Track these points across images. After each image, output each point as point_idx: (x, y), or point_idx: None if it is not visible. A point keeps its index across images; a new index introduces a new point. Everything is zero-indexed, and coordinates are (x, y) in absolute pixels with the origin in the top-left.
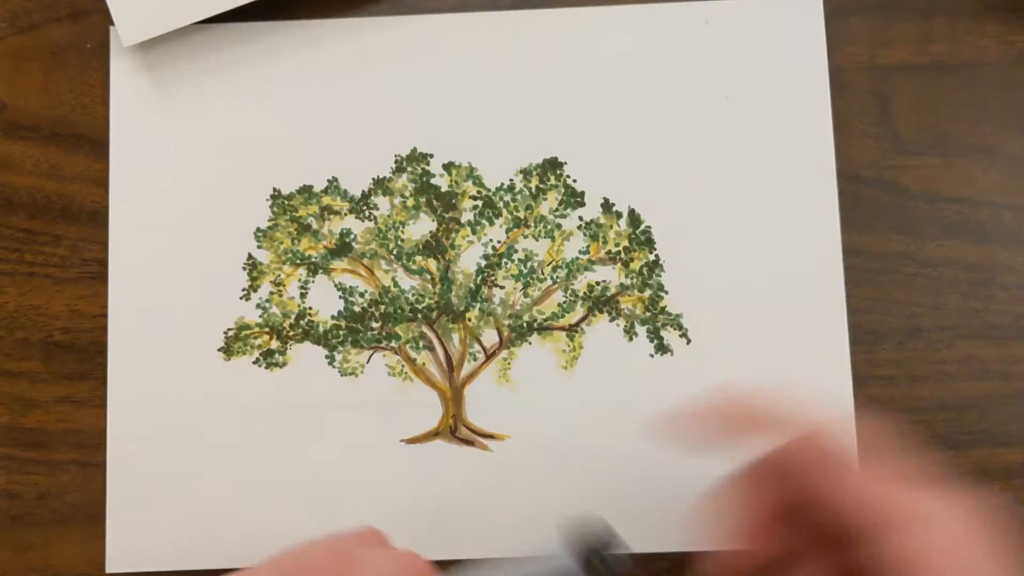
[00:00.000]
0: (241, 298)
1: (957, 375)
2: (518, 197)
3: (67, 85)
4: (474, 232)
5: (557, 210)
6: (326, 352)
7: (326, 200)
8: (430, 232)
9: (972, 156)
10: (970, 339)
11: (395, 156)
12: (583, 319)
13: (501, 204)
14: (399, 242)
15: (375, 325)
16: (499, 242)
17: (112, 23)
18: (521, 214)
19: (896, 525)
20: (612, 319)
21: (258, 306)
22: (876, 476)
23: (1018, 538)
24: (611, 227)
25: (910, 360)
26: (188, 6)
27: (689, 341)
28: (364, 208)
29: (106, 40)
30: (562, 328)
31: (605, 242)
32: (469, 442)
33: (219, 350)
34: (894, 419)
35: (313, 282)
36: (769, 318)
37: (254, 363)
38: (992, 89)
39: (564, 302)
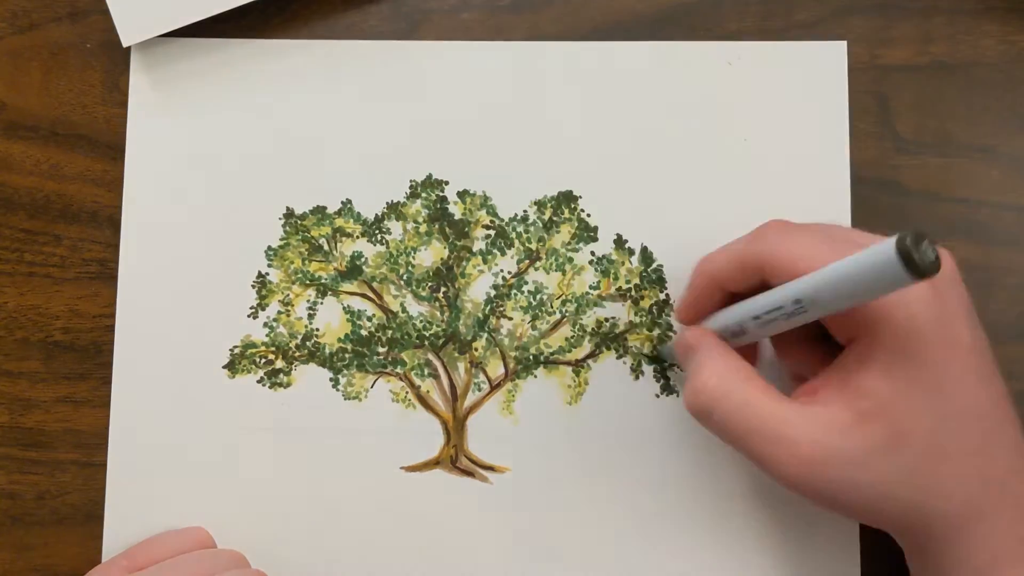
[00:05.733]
0: (249, 316)
1: None
2: (531, 229)
3: (67, 85)
4: (485, 261)
5: (569, 244)
6: (331, 375)
7: (339, 222)
8: (441, 259)
9: (972, 156)
10: None
11: (410, 181)
12: (590, 355)
13: (514, 235)
14: (409, 268)
15: (381, 350)
16: (509, 273)
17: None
18: (533, 246)
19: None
20: (619, 356)
21: (265, 324)
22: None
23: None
24: (623, 264)
25: None
26: (188, 6)
27: None
28: (376, 232)
29: (109, 42)
30: (568, 363)
31: (616, 278)
32: (469, 473)
33: (224, 367)
34: None
35: (321, 303)
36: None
37: (258, 382)
38: (992, 89)
39: (572, 336)
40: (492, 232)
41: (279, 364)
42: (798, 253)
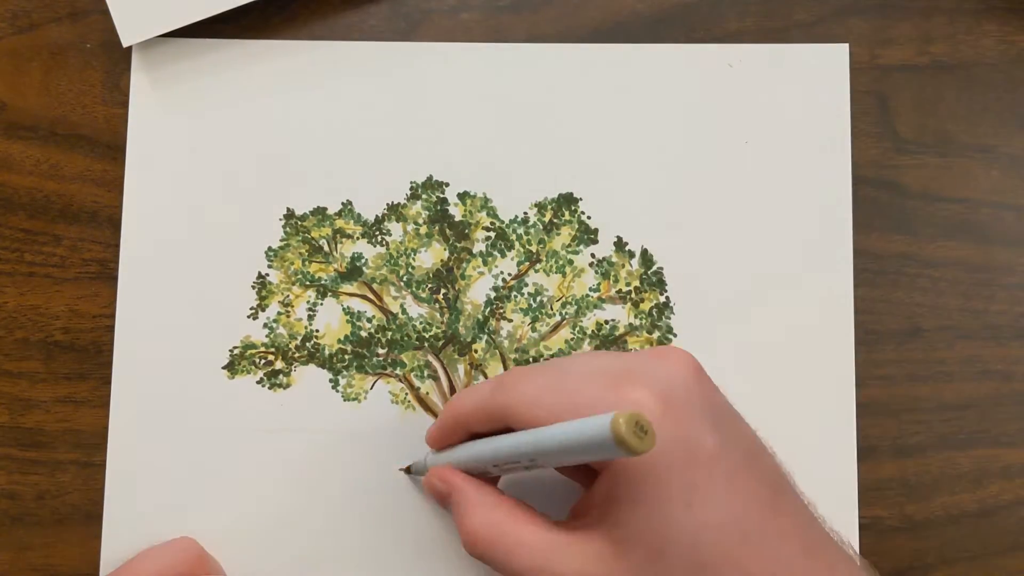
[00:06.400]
0: (248, 316)
1: (957, 375)
2: (531, 231)
3: (67, 85)
4: (485, 263)
5: (570, 246)
6: (330, 376)
7: (339, 223)
8: (441, 261)
9: (972, 156)
10: (970, 339)
11: (410, 183)
12: None
13: (514, 237)
14: (410, 269)
15: (381, 351)
16: (509, 275)
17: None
18: (533, 248)
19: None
20: None
21: (265, 325)
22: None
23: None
24: (623, 266)
25: (910, 360)
26: (187, 6)
27: None
28: (377, 233)
29: (109, 42)
30: None
31: (616, 281)
32: None
33: (223, 368)
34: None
35: (321, 304)
36: (778, 368)
37: (258, 383)
38: (992, 89)
39: (572, 339)
40: (492, 234)
41: (279, 365)
42: (529, 400)
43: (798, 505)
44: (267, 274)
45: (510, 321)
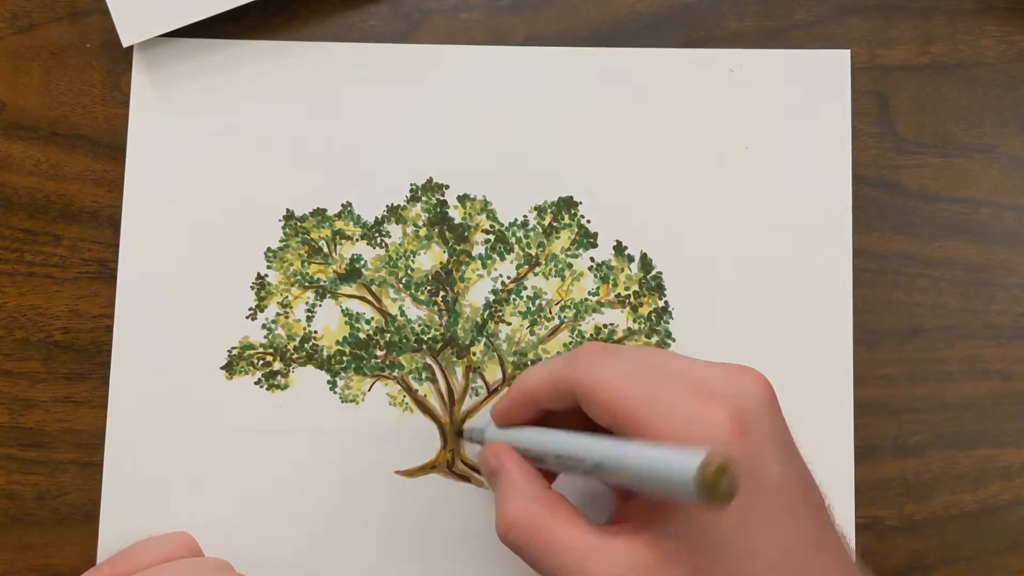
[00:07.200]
0: (247, 317)
1: (957, 375)
2: (531, 234)
3: (67, 85)
4: (484, 266)
5: (569, 249)
6: (328, 377)
7: (339, 224)
8: (440, 263)
9: (972, 156)
10: (970, 339)
11: (410, 184)
12: None
13: (513, 240)
14: (409, 271)
15: (379, 353)
16: (509, 278)
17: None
18: (533, 251)
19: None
20: None
21: (263, 326)
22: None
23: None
24: (622, 270)
25: (910, 360)
26: (188, 6)
27: None
28: (376, 235)
29: (109, 42)
30: None
31: (615, 285)
32: (465, 478)
33: (221, 368)
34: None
35: (320, 306)
36: (776, 369)
37: (256, 383)
38: (992, 89)
39: (570, 342)
40: (492, 237)
41: (277, 366)
42: (607, 383)
43: (838, 542)
44: (266, 275)
45: (509, 324)
